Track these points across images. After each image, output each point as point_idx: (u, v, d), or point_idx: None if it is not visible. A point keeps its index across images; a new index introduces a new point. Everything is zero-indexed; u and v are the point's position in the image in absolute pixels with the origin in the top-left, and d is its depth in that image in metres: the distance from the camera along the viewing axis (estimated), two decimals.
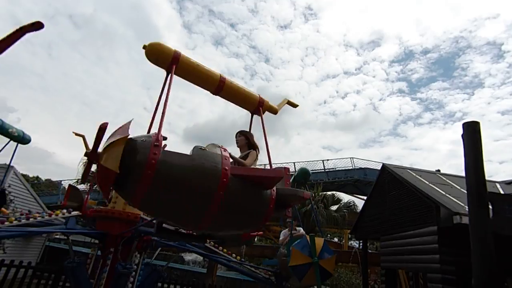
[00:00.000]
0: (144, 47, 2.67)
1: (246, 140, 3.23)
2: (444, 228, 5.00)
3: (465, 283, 5.07)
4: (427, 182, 6.41)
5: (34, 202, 11.74)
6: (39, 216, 4.32)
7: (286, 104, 3.73)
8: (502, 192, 6.78)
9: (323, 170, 22.08)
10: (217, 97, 3.15)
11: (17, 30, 2.43)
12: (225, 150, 2.44)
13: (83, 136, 4.05)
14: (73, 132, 4.26)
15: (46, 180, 34.16)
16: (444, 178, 7.17)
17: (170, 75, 2.65)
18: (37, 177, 35.37)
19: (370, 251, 12.87)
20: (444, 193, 5.81)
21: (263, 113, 3.29)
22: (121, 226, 4.91)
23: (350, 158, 22.43)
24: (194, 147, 2.26)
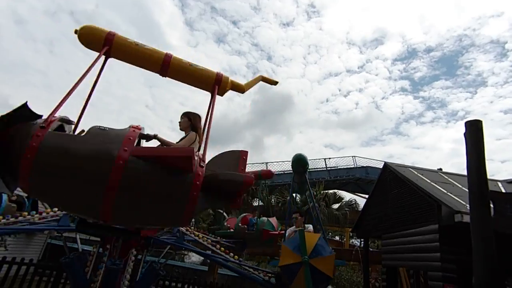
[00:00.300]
0: (76, 31, 2.50)
1: (189, 122, 3.02)
2: (445, 227, 4.98)
3: (466, 281, 5.06)
4: (429, 181, 6.39)
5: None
6: (29, 216, 4.36)
7: (262, 82, 3.23)
8: (504, 191, 6.74)
9: (325, 169, 22.05)
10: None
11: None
12: (136, 129, 2.18)
13: None
14: None
15: None
16: (446, 177, 7.14)
17: (99, 56, 2.44)
18: None
19: (371, 249, 12.86)
20: (445, 191, 5.78)
21: (225, 92, 2.96)
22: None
23: (352, 156, 22.39)
24: (91, 127, 2.05)
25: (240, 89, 3.05)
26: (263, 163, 22.53)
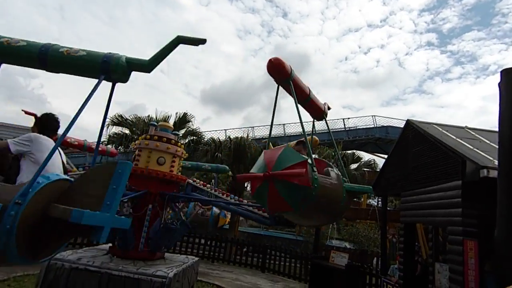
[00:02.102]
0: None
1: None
2: (469, 183, 4.86)
3: (487, 235, 5.05)
4: (454, 137, 6.14)
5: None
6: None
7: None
8: None
9: (343, 129, 21.70)
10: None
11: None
12: None
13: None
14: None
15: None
16: (473, 133, 6.82)
17: None
18: None
19: (388, 208, 12.97)
20: (471, 147, 5.56)
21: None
22: (158, 185, 5.43)
23: (372, 116, 21.80)
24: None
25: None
26: (279, 124, 22.43)
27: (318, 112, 4.28)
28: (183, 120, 15.52)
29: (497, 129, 3.24)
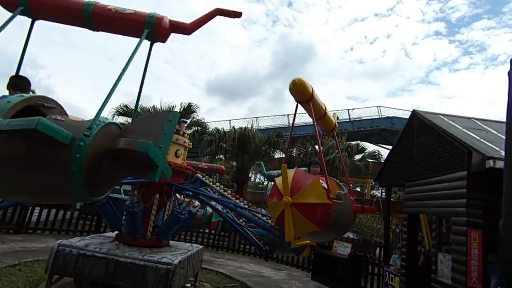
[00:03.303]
0: None
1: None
2: (474, 174, 4.83)
3: (491, 225, 5.04)
4: (460, 128, 6.07)
5: None
6: None
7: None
8: None
9: (348, 120, 21.56)
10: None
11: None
12: None
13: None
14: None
15: None
16: (480, 123, 6.74)
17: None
18: None
19: (392, 199, 12.96)
20: (478, 138, 5.50)
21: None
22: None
23: (377, 106, 21.61)
24: None
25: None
26: (284, 115, 22.35)
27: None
28: (187, 110, 15.53)
29: (505, 120, 3.20)
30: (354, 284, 8.47)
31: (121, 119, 15.06)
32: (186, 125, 6.02)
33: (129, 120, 15.09)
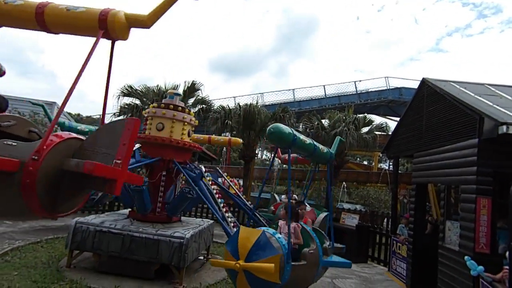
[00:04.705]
0: None
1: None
2: (485, 141, 4.74)
3: (501, 192, 5.01)
4: (472, 94, 5.88)
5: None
6: None
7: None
8: None
9: (355, 93, 21.15)
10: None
11: None
12: None
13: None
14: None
15: (87, 117, 36.63)
16: (493, 89, 6.52)
17: None
18: (79, 114, 37.97)
19: (400, 171, 12.93)
20: (491, 103, 5.34)
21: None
22: (171, 152, 5.52)
23: (385, 77, 21.05)
24: None
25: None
26: (289, 89, 22.01)
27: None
28: (192, 88, 15.38)
29: None
30: (362, 253, 8.70)
31: (126, 100, 15.05)
32: (179, 98, 5.93)
33: (135, 101, 15.08)
